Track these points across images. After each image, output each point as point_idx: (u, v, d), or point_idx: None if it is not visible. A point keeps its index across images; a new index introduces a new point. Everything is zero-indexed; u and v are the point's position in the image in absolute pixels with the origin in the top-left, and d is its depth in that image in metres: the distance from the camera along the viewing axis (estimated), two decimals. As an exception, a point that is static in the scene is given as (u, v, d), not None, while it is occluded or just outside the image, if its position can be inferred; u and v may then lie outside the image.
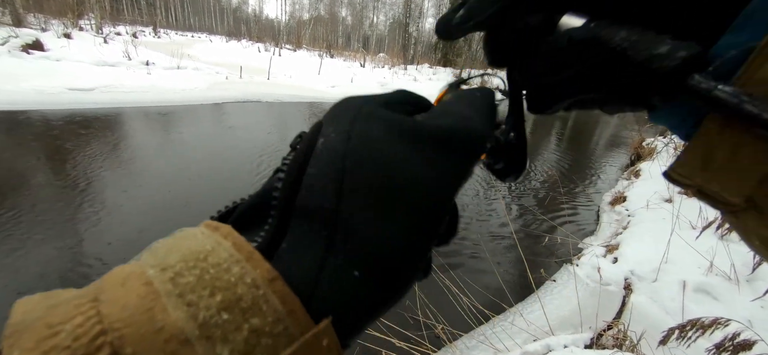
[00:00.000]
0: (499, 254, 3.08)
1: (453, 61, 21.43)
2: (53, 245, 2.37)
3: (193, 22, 53.26)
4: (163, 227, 2.73)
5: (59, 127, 4.79)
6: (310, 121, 7.40)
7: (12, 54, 7.21)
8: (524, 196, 4.56)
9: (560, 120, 13.16)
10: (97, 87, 6.87)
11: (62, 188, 3.15)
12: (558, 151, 7.46)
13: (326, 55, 22.81)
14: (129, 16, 35.50)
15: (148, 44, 14.08)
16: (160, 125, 5.52)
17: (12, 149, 3.85)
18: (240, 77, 10.52)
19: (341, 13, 38.90)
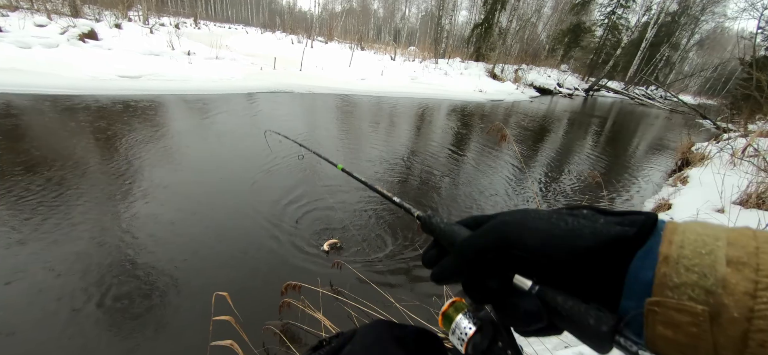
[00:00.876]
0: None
1: (486, 55, 20.79)
2: (102, 214, 2.56)
3: (231, 13, 55.17)
4: (203, 201, 2.87)
5: (110, 111, 5.15)
6: (337, 112, 7.47)
7: (70, 43, 7.80)
8: (558, 198, 4.37)
9: (598, 119, 12.46)
10: (144, 75, 7.31)
11: (111, 165, 3.39)
12: (595, 152, 7.08)
13: (357, 47, 22.88)
14: (172, 7, 37.39)
15: (190, 35, 14.75)
16: (199, 111, 5.79)
17: (71, 130, 4.19)
18: (273, 68, 10.80)
19: (373, 5, 38.80)
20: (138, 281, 2.05)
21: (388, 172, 4.31)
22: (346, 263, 2.28)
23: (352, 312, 1.92)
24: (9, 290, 1.88)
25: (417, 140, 6.06)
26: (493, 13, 20.36)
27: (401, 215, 3.23)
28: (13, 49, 6.73)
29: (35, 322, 1.73)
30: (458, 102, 11.71)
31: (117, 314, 1.83)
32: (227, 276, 2.19)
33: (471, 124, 8.24)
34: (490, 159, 5.46)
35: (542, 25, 28.37)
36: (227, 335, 1.40)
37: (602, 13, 27.79)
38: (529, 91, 17.89)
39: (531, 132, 8.24)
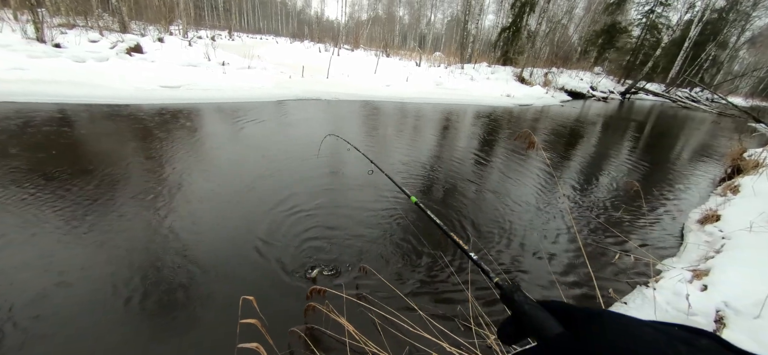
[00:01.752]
0: (563, 266, 2.86)
1: (514, 59, 20.32)
2: (146, 211, 2.74)
3: (262, 25, 57.49)
4: (237, 200, 3.00)
5: (153, 118, 5.51)
6: (362, 118, 7.56)
7: (119, 56, 8.44)
8: (594, 206, 4.17)
9: (635, 123, 11.80)
10: (183, 85, 7.76)
11: (153, 167, 3.62)
12: (633, 159, 6.70)
13: (382, 54, 23.10)
14: (209, 21, 39.55)
15: (224, 46, 15.51)
16: (232, 118, 6.06)
17: (118, 136, 4.52)
18: (302, 76, 11.11)
19: (399, 12, 39.08)
20: (171, 281, 2.17)
21: (412, 177, 4.30)
22: (372, 269, 2.30)
23: (376, 319, 1.92)
24: (53, 287, 2.05)
25: (441, 146, 6.01)
26: (521, 17, 19.89)
27: (425, 226, 3.21)
28: (70, 64, 7.38)
29: (71, 315, 1.87)
30: (485, 107, 11.51)
31: (150, 311, 1.94)
32: (254, 279, 2.26)
33: (498, 129, 8.07)
34: (518, 166, 5.31)
35: (574, 26, 27.34)
36: (253, 338, 1.45)
37: (640, 12, 26.41)
38: (559, 95, 17.26)
39: (562, 138, 7.94)
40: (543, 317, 0.33)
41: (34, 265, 2.16)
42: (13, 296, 1.92)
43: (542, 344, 0.32)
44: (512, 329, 0.36)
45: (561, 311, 0.33)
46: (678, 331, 0.26)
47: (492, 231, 3.24)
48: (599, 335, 0.28)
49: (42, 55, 7.42)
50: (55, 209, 2.73)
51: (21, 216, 2.61)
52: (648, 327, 0.26)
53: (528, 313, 0.35)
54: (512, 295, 0.38)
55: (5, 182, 3.04)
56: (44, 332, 1.75)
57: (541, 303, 0.35)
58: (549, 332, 0.32)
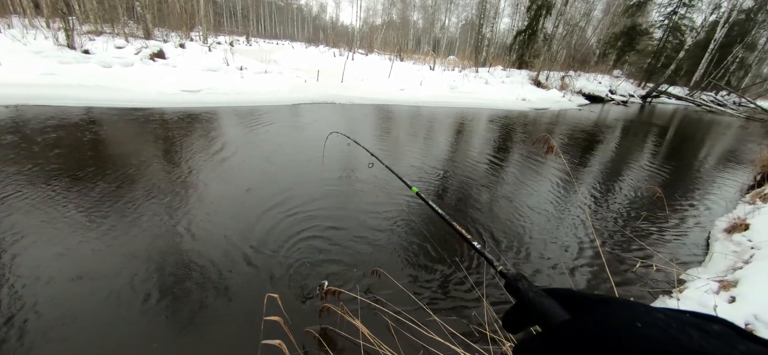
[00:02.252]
0: (582, 273, 2.80)
1: (530, 62, 20.02)
2: (165, 209, 2.83)
3: (279, 30, 58.64)
4: (254, 195, 3.06)
5: (174, 121, 5.69)
6: (376, 121, 7.60)
7: (143, 61, 8.77)
8: (614, 212, 4.06)
9: (657, 128, 11.44)
10: (203, 89, 8.00)
11: (173, 169, 3.73)
12: (654, 165, 6.49)
13: (396, 58, 23.17)
14: (228, 27, 40.62)
15: (242, 51, 15.89)
16: (249, 121, 6.19)
17: (140, 139, 4.69)
18: (317, 81, 11.27)
19: (413, 16, 39.18)
20: (194, 277, 2.23)
21: (425, 181, 4.30)
22: (386, 273, 2.30)
23: (390, 322, 1.93)
24: (77, 282, 2.13)
25: (455, 150, 5.98)
26: (537, 19, 19.62)
27: (439, 227, 3.20)
28: (97, 69, 7.72)
29: (98, 308, 1.94)
30: (499, 111, 11.39)
31: (179, 305, 2.00)
32: (278, 276, 2.30)
33: (513, 133, 7.96)
34: (534, 171, 5.23)
35: (592, 29, 26.77)
36: (276, 335, 1.47)
37: (662, 13, 25.65)
38: (577, 98, 16.91)
39: (580, 142, 7.77)
40: (548, 305, 0.33)
41: (58, 260, 2.26)
42: (38, 288, 2.02)
43: (548, 332, 0.31)
44: (517, 318, 0.35)
45: (567, 297, 0.32)
46: (690, 317, 0.25)
47: (508, 235, 3.20)
48: (607, 321, 0.26)
49: (72, 61, 7.78)
50: (80, 208, 2.86)
51: (48, 213, 2.73)
52: (659, 313, 0.26)
53: (533, 300, 0.34)
54: (516, 283, 0.38)
55: (36, 181, 3.20)
56: (67, 324, 1.83)
57: (546, 290, 0.35)
58: (554, 319, 0.31)
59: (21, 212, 2.72)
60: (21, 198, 2.91)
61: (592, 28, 26.73)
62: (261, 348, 1.71)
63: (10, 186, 3.08)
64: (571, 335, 0.28)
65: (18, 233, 2.47)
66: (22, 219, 2.63)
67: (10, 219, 2.61)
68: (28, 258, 2.25)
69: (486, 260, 0.51)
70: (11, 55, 7.33)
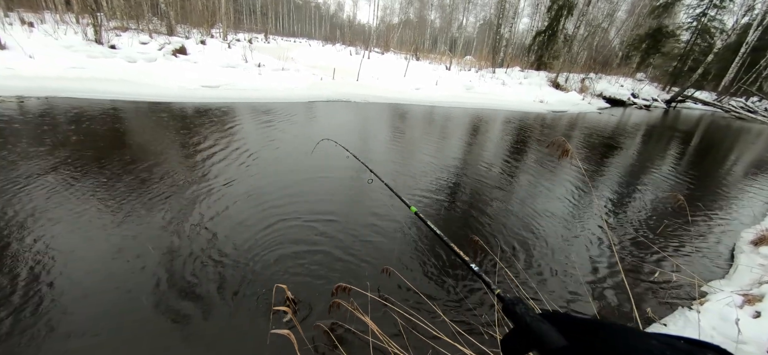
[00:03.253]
0: (597, 281, 2.73)
1: (549, 64, 19.59)
2: (181, 196, 2.92)
3: (297, 28, 59.31)
4: (266, 187, 3.12)
5: (193, 115, 5.84)
6: (390, 120, 7.60)
7: (166, 57, 9.02)
8: (633, 218, 3.95)
9: (681, 134, 11.02)
10: (222, 85, 8.17)
11: (191, 157, 3.84)
12: (678, 172, 6.26)
13: (412, 57, 23.09)
14: (247, 24, 41.37)
15: (260, 49, 16.16)
16: (265, 117, 6.30)
17: (162, 129, 4.84)
18: (333, 78, 11.35)
19: (430, 16, 38.94)
20: (211, 265, 2.29)
21: (436, 183, 4.28)
22: (396, 271, 2.31)
23: (399, 320, 1.93)
24: (101, 264, 2.22)
25: (469, 151, 5.93)
26: (558, 20, 19.17)
27: (450, 228, 3.19)
28: (123, 63, 7.99)
29: (116, 290, 2.02)
30: (516, 113, 11.21)
31: (192, 292, 2.06)
32: (288, 269, 2.34)
33: (529, 136, 7.83)
34: (550, 175, 5.13)
35: (615, 30, 26.00)
36: (286, 325, 1.50)
37: (690, 15, 24.65)
38: (597, 101, 16.46)
39: (598, 146, 7.58)
40: (545, 330, 0.33)
41: (81, 246, 2.36)
42: (69, 271, 2.11)
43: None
44: (515, 342, 0.35)
45: (564, 322, 0.32)
46: (683, 344, 0.26)
47: (521, 240, 3.16)
48: (603, 348, 0.28)
49: (99, 56, 8.09)
50: (102, 196, 2.97)
51: (73, 200, 2.86)
52: (653, 340, 0.26)
53: (530, 325, 0.34)
54: (514, 307, 0.38)
55: (62, 169, 3.35)
56: (92, 308, 1.91)
57: (543, 315, 0.35)
58: (552, 344, 0.31)
59: (44, 197, 2.85)
60: (48, 183, 3.05)
61: (615, 29, 25.96)
62: (269, 337, 1.75)
63: (37, 171, 3.23)
64: None
65: (42, 212, 2.59)
66: (45, 202, 2.76)
67: (35, 202, 2.75)
68: (49, 236, 2.36)
69: (483, 282, 0.52)
70: (43, 49, 7.68)
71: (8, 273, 2.05)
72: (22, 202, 2.77)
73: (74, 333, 1.74)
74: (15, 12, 10.44)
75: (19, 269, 2.09)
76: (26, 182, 3.06)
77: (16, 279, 2.02)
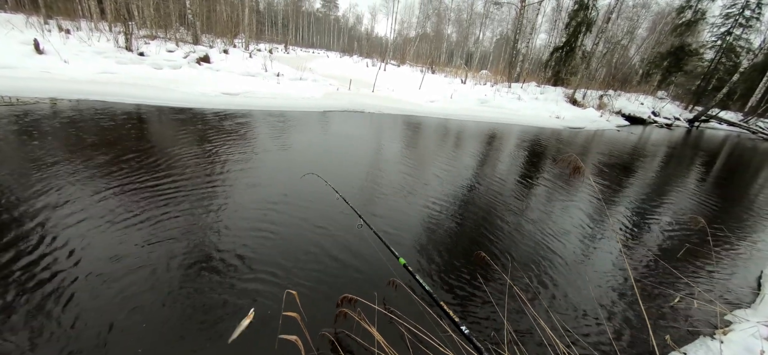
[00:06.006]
0: (612, 305, 2.66)
1: (566, 80, 19.39)
2: (200, 200, 3.01)
3: (315, 40, 60.71)
4: (283, 184, 3.18)
5: (213, 121, 6.03)
6: (403, 131, 7.65)
7: (190, 65, 9.40)
8: (651, 241, 3.84)
9: (704, 155, 10.66)
10: (242, 92, 8.43)
11: (209, 162, 3.96)
12: (700, 194, 6.05)
13: (428, 70, 23.25)
14: (268, 35, 42.65)
15: (280, 59, 16.61)
16: (281, 124, 6.45)
17: (183, 134, 5.02)
18: (349, 89, 11.54)
19: (447, 30, 39.24)
20: (223, 267, 2.35)
21: (445, 197, 4.27)
22: (402, 284, 2.31)
23: (406, 333, 1.93)
24: (116, 260, 2.31)
25: (480, 165, 5.89)
26: (576, 36, 19.02)
27: (461, 243, 3.18)
28: (150, 70, 8.36)
29: (135, 289, 2.09)
30: (531, 128, 11.10)
31: (200, 290, 2.11)
32: (297, 276, 2.38)
33: (544, 152, 7.73)
34: (563, 193, 5.05)
35: (635, 47, 25.58)
36: (293, 331, 1.53)
37: (714, 33, 24.05)
38: (615, 119, 16.13)
39: (616, 165, 7.41)
40: None
41: (102, 239, 2.46)
42: (90, 262, 2.21)
43: None
44: None
45: None
46: None
47: (531, 259, 3.11)
48: None
49: (128, 62, 8.49)
50: (121, 190, 3.10)
51: (96, 196, 2.99)
52: None
53: None
54: None
55: (90, 167, 3.51)
56: (111, 297, 1.98)
57: None
58: None
59: (74, 189, 2.99)
60: (75, 178, 3.20)
61: (635, 46, 25.54)
62: (278, 342, 1.78)
63: (66, 169, 3.40)
64: None
65: (68, 203, 2.72)
66: (74, 193, 2.90)
67: (65, 193, 2.89)
68: (75, 226, 2.47)
69: (475, 348, 0.52)
70: (78, 54, 8.12)
71: (35, 250, 2.16)
72: (43, 192, 2.91)
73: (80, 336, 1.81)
74: (54, 19, 11.11)
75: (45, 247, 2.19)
76: (50, 172, 3.22)
77: (45, 256, 2.12)
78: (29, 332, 1.74)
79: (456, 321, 0.49)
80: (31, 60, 7.29)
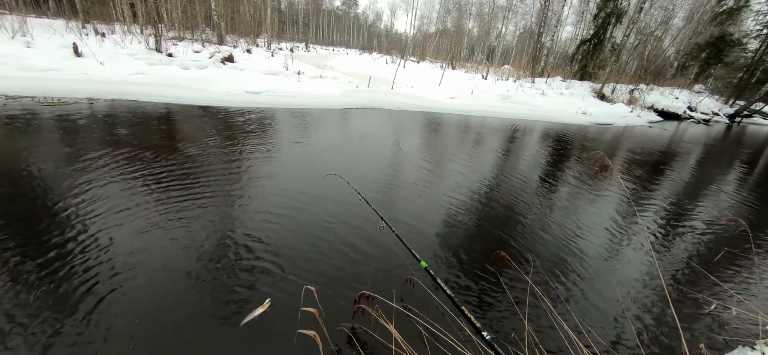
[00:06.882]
0: (641, 310, 2.54)
1: (594, 74, 18.59)
2: (226, 189, 3.11)
3: (335, 38, 61.24)
4: (302, 181, 3.24)
5: (236, 119, 6.21)
6: (421, 128, 7.58)
7: (215, 65, 9.70)
8: (684, 243, 3.63)
9: (747, 153, 9.95)
10: (264, 91, 8.62)
11: (232, 159, 4.08)
12: (741, 194, 5.67)
13: (448, 66, 22.94)
14: (290, 34, 43.40)
15: (301, 57, 16.86)
16: (302, 122, 6.56)
17: (210, 133, 5.19)
18: (368, 86, 11.57)
19: (468, 25, 38.54)
20: (246, 261, 2.42)
21: (464, 195, 4.20)
22: (420, 283, 2.30)
23: (424, 332, 1.92)
24: (142, 252, 2.41)
25: (502, 164, 5.76)
26: (605, 28, 18.19)
27: (480, 240, 3.13)
28: (178, 71, 8.69)
29: (160, 280, 2.18)
30: (556, 124, 10.74)
31: (224, 284, 2.18)
32: (316, 272, 2.41)
33: (568, 150, 7.47)
34: (589, 192, 4.86)
35: (670, 38, 24.17)
36: (312, 326, 1.55)
37: (759, 22, 22.36)
38: (647, 114, 15.36)
39: (647, 163, 7.05)
40: None
41: (128, 229, 2.59)
42: (114, 252, 2.33)
43: None
44: None
45: None
46: None
47: (554, 261, 3.02)
48: None
49: (158, 63, 8.86)
50: (151, 184, 3.24)
51: (129, 188, 3.14)
52: None
53: None
54: None
55: (121, 161, 3.70)
56: (133, 286, 2.08)
57: None
58: None
59: (111, 183, 3.16)
60: (112, 172, 3.38)
61: (670, 37, 24.15)
62: (297, 336, 1.81)
63: (101, 163, 3.60)
64: None
65: (106, 199, 2.88)
66: (108, 186, 3.06)
67: (104, 189, 3.06)
68: (106, 213, 2.61)
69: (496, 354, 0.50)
70: (112, 56, 8.56)
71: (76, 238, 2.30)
72: (83, 184, 3.09)
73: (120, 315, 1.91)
74: (91, 24, 11.75)
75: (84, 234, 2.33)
76: (88, 165, 3.42)
77: (87, 243, 2.25)
78: (60, 306, 1.85)
79: (477, 327, 0.47)
80: (71, 62, 7.74)
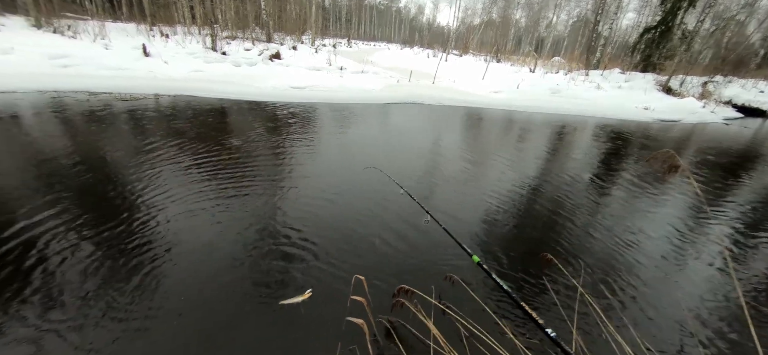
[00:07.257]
0: (712, 328, 2.28)
1: (659, 65, 16.81)
2: (278, 177, 3.28)
3: (377, 33, 61.56)
4: (344, 173, 3.32)
5: (282, 113, 6.50)
6: (462, 124, 7.37)
7: (264, 62, 10.21)
8: (761, 246, 3.19)
9: None
10: (308, 86, 8.92)
11: (278, 151, 4.28)
12: None
13: (493, 59, 22.08)
14: (333, 30, 44.42)
15: (343, 53, 17.19)
16: (342, 116, 6.69)
17: (257, 125, 5.49)
18: (408, 81, 11.49)
19: (515, 15, 36.71)
20: (291, 251, 2.53)
21: (508, 193, 4.02)
22: (460, 280, 2.25)
23: (463, 330, 1.88)
24: (194, 235, 2.60)
25: (550, 162, 5.44)
26: (675, 13, 16.33)
27: (524, 240, 2.99)
28: (230, 68, 9.28)
29: (208, 260, 2.34)
30: (612, 121, 9.91)
31: (269, 268, 2.30)
32: (352, 264, 2.46)
33: (627, 149, 6.86)
34: (651, 195, 4.43)
35: (756, 22, 21.12)
36: (359, 315, 1.59)
37: None
38: (723, 110, 13.62)
39: (722, 164, 6.27)
40: None
41: (189, 218, 2.81)
42: (171, 240, 2.54)
43: None
44: None
45: None
46: None
47: (610, 266, 2.79)
48: None
49: (213, 61, 9.52)
50: (208, 173, 3.50)
51: (186, 178, 3.41)
52: None
53: None
54: None
55: (178, 153, 4.03)
56: (196, 272, 2.26)
57: None
58: None
59: (172, 171, 3.47)
60: (174, 162, 3.71)
61: (756, 21, 21.10)
62: (345, 324, 1.86)
63: (170, 153, 3.95)
64: None
65: (167, 184, 3.16)
66: (172, 176, 3.36)
67: (165, 175, 3.36)
68: (163, 202, 2.86)
69: (563, 353, 0.47)
70: (175, 56, 9.34)
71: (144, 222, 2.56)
72: (154, 173, 3.41)
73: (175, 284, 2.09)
74: (157, 26, 12.91)
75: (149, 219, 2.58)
76: (153, 153, 3.78)
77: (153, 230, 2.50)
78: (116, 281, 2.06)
79: (541, 323, 0.44)
80: (140, 62, 8.58)
